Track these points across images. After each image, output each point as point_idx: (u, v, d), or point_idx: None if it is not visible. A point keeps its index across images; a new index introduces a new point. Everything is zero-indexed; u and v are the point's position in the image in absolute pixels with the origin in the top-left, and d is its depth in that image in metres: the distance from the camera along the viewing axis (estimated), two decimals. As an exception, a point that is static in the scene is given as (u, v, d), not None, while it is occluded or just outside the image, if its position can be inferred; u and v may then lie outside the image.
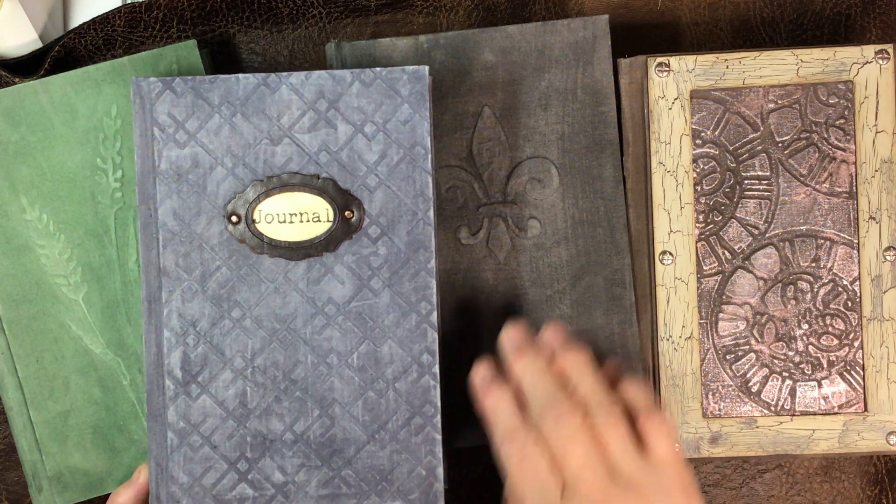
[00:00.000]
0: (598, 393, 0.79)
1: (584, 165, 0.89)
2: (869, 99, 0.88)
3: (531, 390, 0.80)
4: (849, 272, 0.89)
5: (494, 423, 0.80)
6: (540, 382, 0.80)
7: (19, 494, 0.95)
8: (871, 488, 0.96)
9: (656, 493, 0.75)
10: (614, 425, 0.77)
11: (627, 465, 0.76)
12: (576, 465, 0.75)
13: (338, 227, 0.81)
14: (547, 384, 0.79)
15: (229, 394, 0.82)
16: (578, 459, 0.75)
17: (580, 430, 0.76)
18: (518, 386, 0.81)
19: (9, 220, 0.88)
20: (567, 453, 0.76)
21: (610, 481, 0.75)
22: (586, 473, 0.75)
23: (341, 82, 0.81)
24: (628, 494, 0.75)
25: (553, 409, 0.77)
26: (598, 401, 0.78)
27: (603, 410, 0.78)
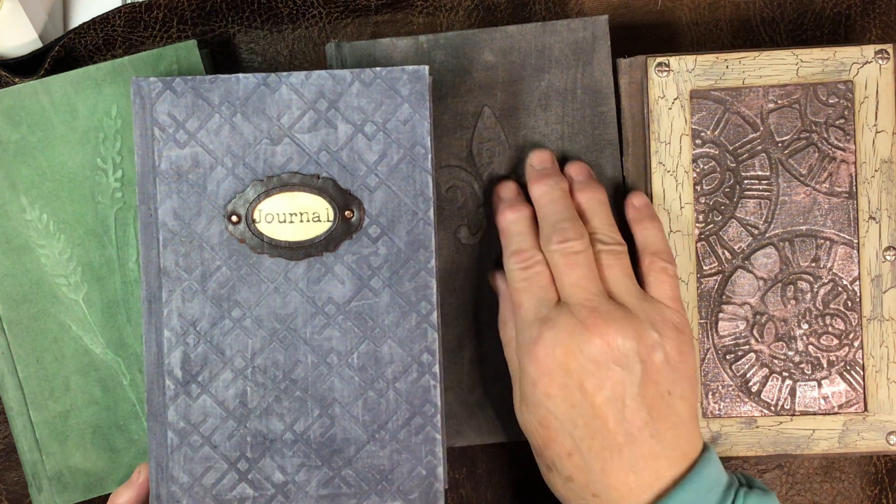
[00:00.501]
0: (606, 228, 0.83)
1: None
2: (869, 99, 0.88)
3: (545, 212, 0.84)
4: (849, 272, 0.89)
5: (507, 239, 0.84)
6: (554, 206, 0.83)
7: (19, 494, 0.95)
8: (871, 488, 0.96)
9: (647, 321, 0.79)
10: (616, 259, 0.82)
11: (622, 295, 0.81)
12: (570, 283, 0.80)
13: (338, 227, 0.81)
14: (560, 210, 0.83)
15: (229, 393, 0.82)
16: (574, 278, 0.80)
17: (581, 255, 0.80)
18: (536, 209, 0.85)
19: (9, 219, 0.88)
20: (565, 272, 0.80)
21: (603, 301, 0.79)
22: (579, 291, 0.79)
23: (341, 82, 0.81)
24: (617, 314, 0.78)
25: (560, 232, 0.81)
26: (605, 236, 0.83)
27: (608, 245, 0.82)
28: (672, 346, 0.79)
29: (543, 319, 0.79)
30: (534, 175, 0.86)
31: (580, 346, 0.77)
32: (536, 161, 0.87)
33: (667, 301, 0.82)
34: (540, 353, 0.78)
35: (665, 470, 0.78)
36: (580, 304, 0.79)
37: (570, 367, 0.77)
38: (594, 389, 0.77)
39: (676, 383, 0.79)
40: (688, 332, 0.81)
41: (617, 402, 0.77)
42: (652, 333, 0.78)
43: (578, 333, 0.77)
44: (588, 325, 0.77)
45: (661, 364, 0.78)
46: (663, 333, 0.79)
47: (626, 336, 0.77)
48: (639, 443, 0.77)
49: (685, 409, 0.79)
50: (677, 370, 0.79)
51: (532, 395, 0.79)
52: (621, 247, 0.82)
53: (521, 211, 0.84)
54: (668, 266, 0.83)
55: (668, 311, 0.81)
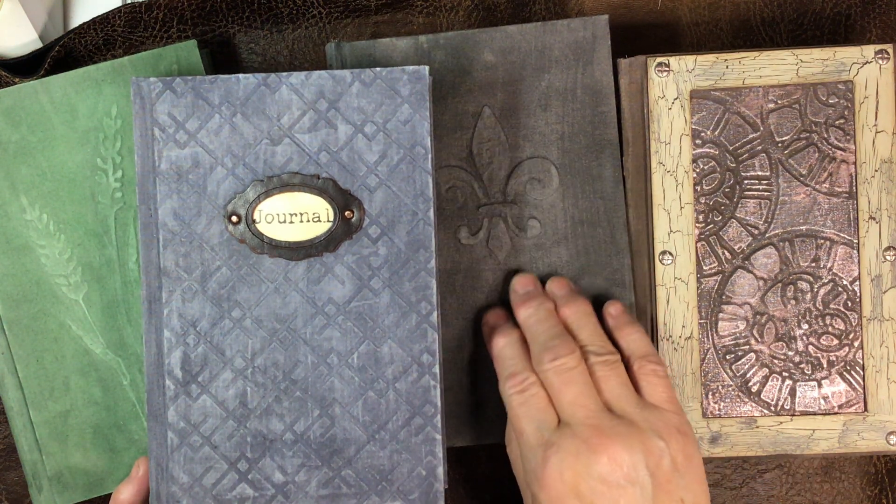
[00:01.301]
0: (596, 340, 0.84)
1: (584, 165, 0.90)
2: (869, 99, 0.88)
3: (533, 333, 0.84)
4: (849, 272, 0.89)
5: (500, 365, 0.84)
6: (542, 327, 0.84)
7: (19, 494, 0.95)
8: (871, 488, 0.97)
9: (649, 430, 0.78)
10: (611, 369, 0.82)
11: (621, 405, 0.80)
12: (568, 402, 0.79)
13: (338, 227, 0.81)
14: (548, 329, 0.84)
15: (229, 394, 0.82)
16: (571, 396, 0.79)
17: (575, 371, 0.80)
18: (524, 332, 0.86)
19: (9, 220, 0.88)
20: (561, 391, 0.80)
21: (604, 417, 0.79)
22: (579, 409, 0.79)
23: (341, 82, 0.81)
24: (620, 428, 0.78)
25: (551, 350, 0.81)
26: (597, 347, 0.83)
27: (600, 357, 0.82)
28: (678, 450, 0.78)
29: (547, 444, 0.78)
30: (518, 299, 0.88)
31: (588, 467, 0.76)
32: (519, 286, 0.88)
33: (664, 404, 0.82)
34: (548, 479, 0.77)
35: None
36: (582, 424, 0.78)
37: (581, 489, 0.76)
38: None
39: (688, 489, 0.78)
40: (691, 433, 0.81)
41: None
42: (657, 442, 0.77)
43: (585, 455, 0.76)
44: (593, 444, 0.77)
45: (670, 472, 0.77)
46: (668, 440, 0.78)
47: (633, 450, 0.76)
48: None
49: None
50: (686, 475, 0.78)
51: None
52: (614, 356, 0.83)
53: (511, 335, 0.85)
54: (658, 367, 0.83)
55: (668, 415, 0.80)
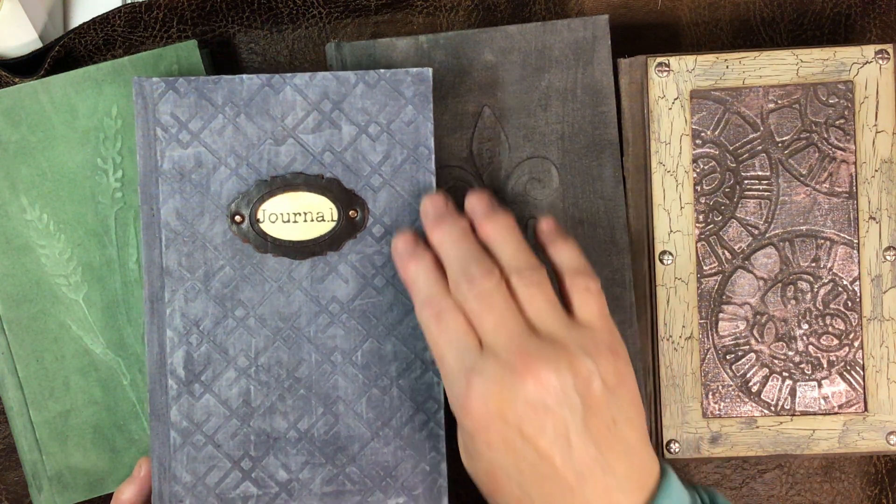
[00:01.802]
0: (520, 256, 0.79)
1: (584, 165, 0.90)
2: (869, 99, 0.89)
3: (447, 257, 0.79)
4: (849, 272, 0.90)
5: (414, 291, 0.79)
6: (456, 249, 0.79)
7: (19, 494, 0.96)
8: (871, 488, 0.97)
9: (578, 350, 0.74)
10: (536, 288, 0.77)
11: (547, 326, 0.76)
12: (490, 327, 0.75)
13: (342, 227, 0.82)
14: (463, 250, 0.78)
15: (233, 392, 0.83)
16: (493, 321, 0.75)
17: (496, 294, 0.76)
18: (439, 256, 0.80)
19: (9, 220, 0.89)
20: (482, 316, 0.75)
21: (529, 340, 0.75)
22: (501, 334, 0.75)
23: (345, 83, 0.82)
24: (546, 349, 0.74)
25: (467, 274, 0.76)
26: (520, 265, 0.78)
27: (524, 274, 0.77)
28: (609, 370, 0.75)
29: (469, 370, 0.74)
30: (430, 221, 0.81)
31: (513, 392, 0.73)
32: (430, 206, 0.82)
33: (595, 322, 0.78)
34: (473, 407, 0.74)
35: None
36: (505, 348, 0.74)
37: (507, 415, 0.73)
38: (535, 434, 0.73)
39: (620, 409, 0.75)
40: (623, 352, 0.78)
41: (561, 442, 0.73)
42: (586, 362, 0.74)
43: (509, 379, 0.73)
44: (517, 368, 0.73)
45: (601, 393, 0.74)
46: (597, 359, 0.75)
47: (560, 372, 0.73)
48: (591, 480, 0.73)
49: (633, 434, 0.76)
50: (618, 396, 0.75)
51: (472, 447, 0.76)
52: (538, 273, 0.78)
53: (423, 259, 0.79)
54: (591, 283, 0.79)
55: (598, 334, 0.77)
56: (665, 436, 0.91)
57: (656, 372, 0.91)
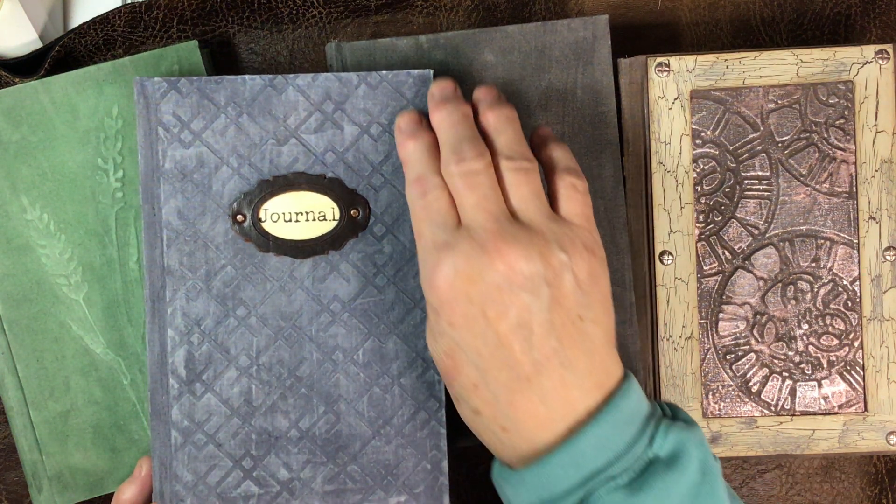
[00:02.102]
0: (514, 145, 0.78)
1: (584, 165, 0.91)
2: (869, 99, 0.90)
3: (444, 137, 0.79)
4: (849, 272, 0.90)
5: (407, 169, 0.79)
6: (454, 129, 0.79)
7: (19, 494, 0.96)
8: (871, 488, 0.98)
9: (554, 241, 0.74)
10: (524, 176, 0.77)
11: (528, 214, 0.76)
12: (471, 205, 0.75)
13: (343, 226, 0.83)
14: (460, 131, 0.78)
15: (234, 392, 0.83)
16: (474, 200, 0.75)
17: (482, 175, 0.76)
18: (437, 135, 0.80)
19: (9, 219, 0.89)
20: (465, 195, 0.76)
21: (506, 223, 0.75)
22: (480, 213, 0.75)
23: (347, 84, 0.83)
24: (521, 235, 0.74)
25: (458, 153, 0.77)
26: (512, 152, 0.78)
27: (514, 162, 0.77)
28: (582, 267, 0.74)
29: (442, 245, 0.75)
30: (434, 103, 0.81)
31: (481, 271, 0.73)
32: (437, 89, 0.82)
33: (577, 219, 0.77)
34: (439, 281, 0.74)
35: (578, 401, 0.74)
36: (481, 227, 0.74)
37: (472, 294, 0.73)
38: (498, 317, 0.73)
39: (588, 307, 0.74)
40: (599, 252, 0.77)
41: (523, 330, 0.73)
42: (559, 254, 0.74)
43: (478, 258, 0.73)
44: (489, 248, 0.73)
45: (571, 287, 0.74)
46: (572, 254, 0.74)
47: (531, 259, 0.73)
48: (548, 372, 0.73)
49: (598, 334, 0.75)
50: (588, 293, 0.75)
51: (436, 325, 0.76)
52: (530, 163, 0.77)
53: (421, 138, 0.80)
54: (578, 182, 0.79)
55: (578, 230, 0.76)
56: None
57: (656, 372, 0.91)
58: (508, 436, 0.75)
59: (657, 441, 0.74)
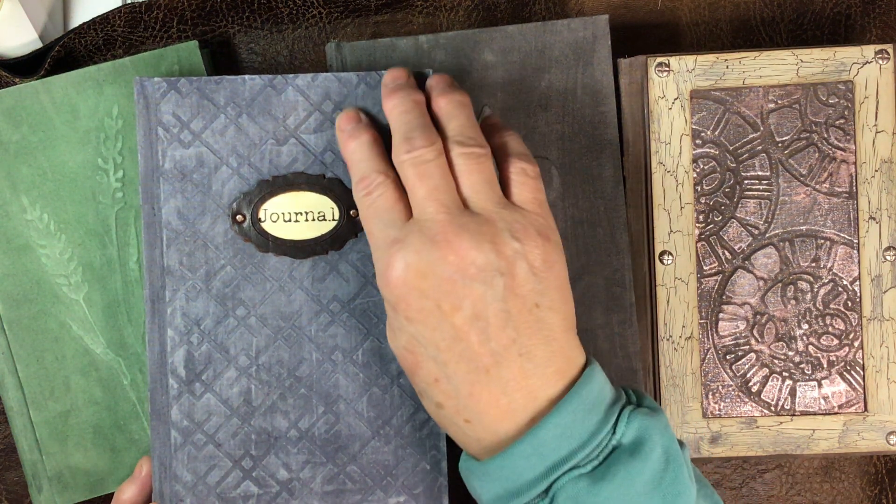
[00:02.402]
0: (466, 131, 0.78)
1: (584, 165, 0.91)
2: (869, 99, 0.90)
3: (395, 125, 0.79)
4: (849, 272, 0.91)
5: (351, 170, 0.79)
6: (404, 117, 0.78)
7: (19, 494, 0.96)
8: (871, 488, 0.98)
9: (506, 230, 0.74)
10: (475, 162, 0.77)
11: (479, 202, 0.76)
12: (421, 196, 0.75)
13: (343, 226, 0.83)
14: (409, 119, 0.78)
15: (234, 392, 0.83)
16: (425, 191, 0.75)
17: (433, 164, 0.76)
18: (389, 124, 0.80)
19: (9, 219, 0.89)
20: (416, 185, 0.75)
21: (457, 212, 0.74)
22: (430, 204, 0.75)
23: (347, 84, 0.83)
24: (472, 225, 0.74)
25: (409, 141, 0.76)
26: (464, 138, 0.77)
27: (466, 147, 0.77)
28: (536, 254, 0.74)
29: (393, 241, 0.75)
30: (386, 91, 0.81)
31: (432, 264, 0.73)
32: (389, 78, 0.82)
33: (529, 205, 0.77)
34: (392, 277, 0.74)
35: (539, 390, 0.74)
36: (431, 219, 0.74)
37: (425, 288, 0.73)
38: (453, 310, 0.73)
39: (544, 295, 0.74)
40: (554, 237, 0.77)
41: (479, 321, 0.73)
42: (512, 243, 0.73)
43: (429, 251, 0.73)
44: (439, 240, 0.73)
45: (525, 275, 0.74)
46: (525, 241, 0.74)
47: (482, 249, 0.73)
48: (507, 362, 0.73)
49: (557, 321, 0.75)
50: (544, 280, 0.74)
51: (394, 320, 0.76)
52: (482, 149, 0.77)
53: (362, 136, 0.80)
54: (528, 167, 0.78)
55: (530, 216, 0.76)
56: None
57: (656, 372, 0.92)
58: (472, 427, 0.75)
59: (620, 428, 0.74)
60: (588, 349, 0.87)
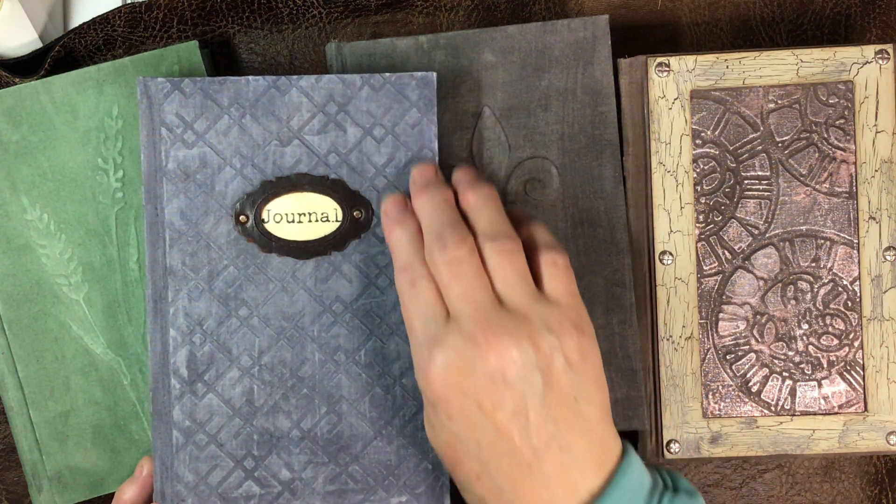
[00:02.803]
0: (496, 225, 0.80)
1: (584, 165, 0.92)
2: (869, 99, 0.90)
3: (426, 223, 0.81)
4: (849, 272, 0.91)
5: (395, 256, 0.81)
6: (435, 215, 0.80)
7: (19, 494, 0.96)
8: (871, 488, 0.98)
9: (541, 325, 0.75)
10: (507, 257, 0.78)
11: (515, 298, 0.77)
12: (457, 296, 0.76)
13: (346, 227, 0.84)
14: (440, 217, 0.80)
15: (236, 392, 0.84)
16: (460, 290, 0.76)
17: (466, 263, 0.77)
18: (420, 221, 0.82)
19: (9, 219, 0.90)
20: (451, 285, 0.77)
21: (493, 312, 0.76)
22: (467, 304, 0.76)
23: (351, 86, 0.84)
24: (509, 323, 0.75)
25: (441, 240, 0.78)
26: (495, 233, 0.79)
27: (497, 242, 0.78)
28: (572, 347, 0.76)
29: (433, 339, 0.76)
30: (416, 189, 0.83)
31: (473, 364, 0.74)
32: (418, 175, 0.85)
33: (562, 297, 0.78)
34: (433, 377, 0.75)
35: (579, 483, 0.75)
36: (469, 318, 0.75)
37: (465, 387, 0.74)
38: (494, 408, 0.74)
39: (581, 387, 0.76)
40: (588, 329, 0.78)
41: (520, 418, 0.74)
42: (549, 338, 0.75)
43: (469, 351, 0.74)
44: (479, 341, 0.74)
45: (563, 370, 0.75)
46: (561, 336, 0.75)
47: (521, 346, 0.74)
48: (547, 457, 0.74)
49: (594, 413, 0.76)
50: (581, 373, 0.76)
51: (434, 418, 0.77)
52: (513, 242, 0.79)
53: (407, 225, 0.81)
54: (559, 257, 0.80)
55: (564, 309, 0.77)
56: (665, 436, 0.92)
57: (656, 372, 0.92)
58: None
59: None
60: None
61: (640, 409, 0.92)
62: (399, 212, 0.83)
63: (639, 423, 0.93)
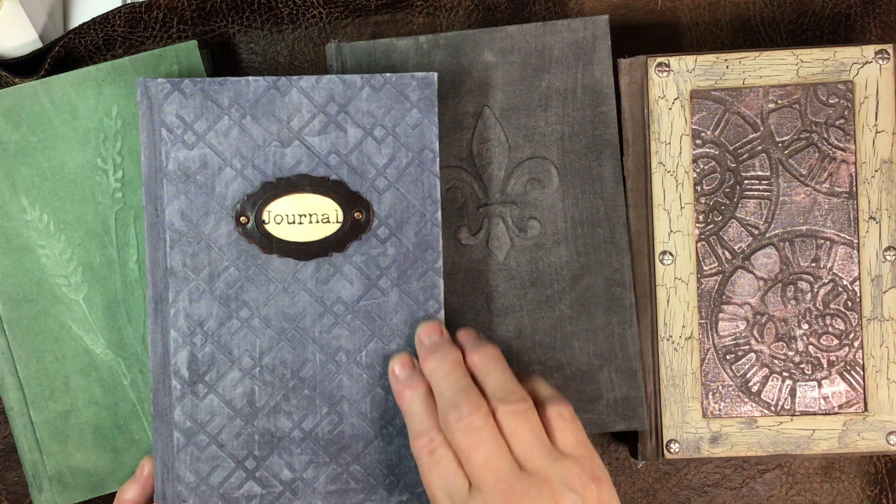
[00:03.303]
0: (505, 386, 0.81)
1: (584, 165, 0.92)
2: (869, 99, 0.91)
3: (438, 388, 0.82)
4: (849, 272, 0.91)
5: (409, 420, 0.82)
6: (447, 380, 0.81)
7: (19, 494, 0.97)
8: (871, 488, 0.99)
9: (562, 484, 0.77)
10: (522, 419, 0.79)
11: (533, 461, 0.78)
12: (478, 466, 0.77)
13: (347, 228, 0.84)
14: (453, 382, 0.81)
15: (237, 393, 0.84)
16: (481, 460, 0.77)
17: (483, 430, 0.78)
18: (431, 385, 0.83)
19: (9, 220, 0.90)
20: (470, 454, 0.78)
21: (515, 479, 0.77)
22: (489, 473, 0.77)
23: (351, 87, 0.84)
24: (532, 489, 0.77)
25: (456, 409, 0.79)
26: (506, 394, 0.80)
27: (510, 404, 0.79)
28: (593, 499, 0.77)
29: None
30: (424, 350, 0.85)
31: None
32: (425, 335, 0.86)
33: (575, 451, 0.80)
34: None
35: None
36: (492, 489, 0.77)
37: None
38: None
39: None
40: (604, 476, 0.79)
41: None
42: (570, 496, 0.76)
43: None
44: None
45: None
46: (582, 491, 0.77)
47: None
48: None
49: None
50: None
51: None
52: (525, 402, 0.80)
53: (418, 389, 0.83)
54: (564, 410, 0.81)
55: (581, 462, 0.79)
56: (665, 436, 0.92)
57: (656, 372, 0.93)
58: None
59: None
60: (588, 350, 0.90)
61: (640, 409, 0.93)
62: (408, 374, 0.85)
63: (639, 423, 0.93)
